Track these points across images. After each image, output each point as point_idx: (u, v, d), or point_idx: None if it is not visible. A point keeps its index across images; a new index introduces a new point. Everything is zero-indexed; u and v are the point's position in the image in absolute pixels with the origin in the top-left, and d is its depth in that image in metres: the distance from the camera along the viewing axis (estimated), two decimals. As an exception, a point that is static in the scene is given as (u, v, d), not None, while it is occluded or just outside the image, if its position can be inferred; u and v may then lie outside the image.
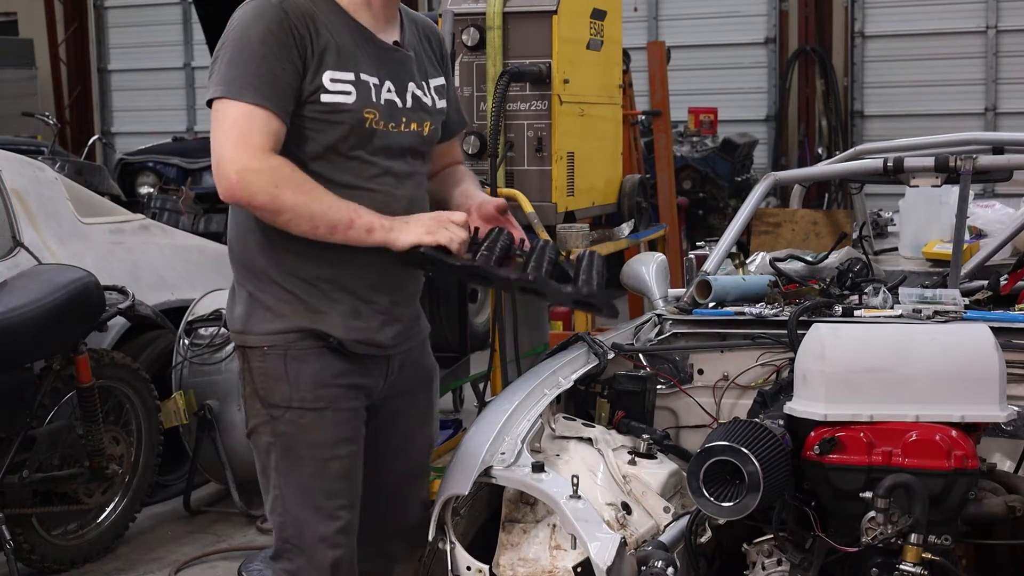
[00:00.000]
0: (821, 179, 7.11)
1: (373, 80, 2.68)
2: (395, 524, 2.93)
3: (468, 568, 2.73)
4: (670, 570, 2.61)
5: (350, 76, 2.64)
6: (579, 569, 2.63)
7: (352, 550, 2.77)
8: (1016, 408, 2.82)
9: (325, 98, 2.62)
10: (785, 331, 3.38)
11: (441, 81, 2.87)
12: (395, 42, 2.76)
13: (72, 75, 15.91)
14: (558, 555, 2.71)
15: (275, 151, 2.56)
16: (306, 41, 2.60)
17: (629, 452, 3.08)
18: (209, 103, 2.61)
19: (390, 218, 2.62)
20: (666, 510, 2.95)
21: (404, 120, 2.73)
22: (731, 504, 2.61)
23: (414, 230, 2.60)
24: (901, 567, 2.58)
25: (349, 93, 2.64)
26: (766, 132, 13.34)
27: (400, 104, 2.73)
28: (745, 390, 3.42)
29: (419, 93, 2.77)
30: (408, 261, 2.66)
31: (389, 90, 2.71)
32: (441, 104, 2.86)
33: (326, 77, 2.62)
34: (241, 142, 2.53)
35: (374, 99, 2.67)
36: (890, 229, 5.58)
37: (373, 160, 2.69)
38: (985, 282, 3.84)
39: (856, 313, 3.45)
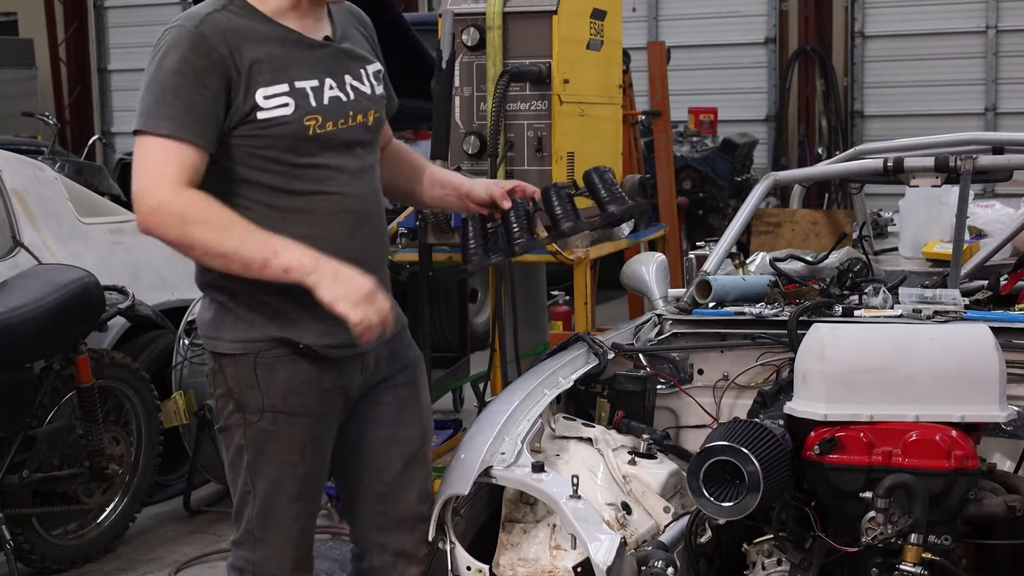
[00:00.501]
0: (821, 179, 7.11)
1: (311, 83, 2.65)
2: (394, 516, 2.90)
3: (468, 568, 2.73)
4: (670, 570, 2.61)
5: (284, 88, 2.61)
6: (579, 569, 2.63)
7: (312, 543, 2.86)
8: (1016, 408, 2.82)
9: (261, 115, 2.59)
10: (785, 331, 3.38)
11: (377, 67, 2.83)
12: (326, 37, 2.72)
13: (72, 75, 15.91)
14: (558, 555, 2.71)
15: (192, 183, 2.52)
16: (228, 62, 2.56)
17: (629, 452, 3.08)
18: (135, 133, 2.59)
19: (318, 260, 2.53)
20: (666, 510, 2.95)
21: (350, 114, 2.71)
22: (731, 504, 2.61)
23: (337, 290, 2.52)
24: (901, 567, 2.58)
25: (286, 105, 2.61)
26: (766, 132, 13.34)
27: (344, 99, 2.70)
28: (745, 390, 3.42)
29: (357, 84, 2.74)
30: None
31: (331, 87, 2.68)
32: (380, 90, 2.82)
33: (259, 95, 2.59)
34: (155, 176, 2.51)
35: (314, 104, 2.64)
36: (890, 229, 5.58)
37: (324, 163, 2.67)
38: (985, 282, 3.84)
39: (856, 313, 3.45)
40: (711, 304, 3.70)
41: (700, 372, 3.51)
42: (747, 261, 4.34)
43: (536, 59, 4.67)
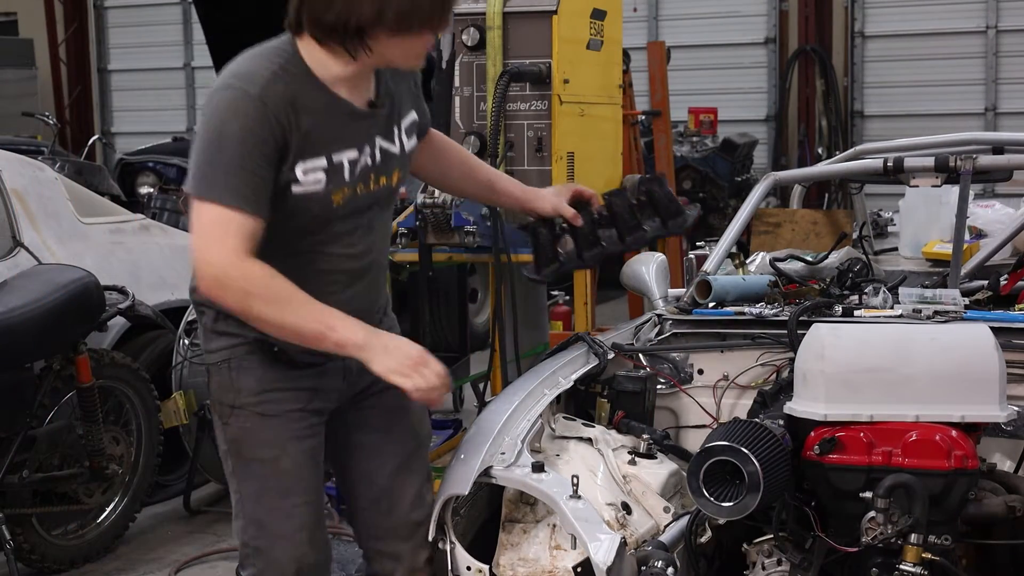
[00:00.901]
0: (821, 179, 7.11)
1: (349, 155, 2.64)
2: (388, 524, 2.91)
3: (468, 568, 2.73)
4: (670, 570, 2.61)
5: (322, 162, 2.60)
6: (579, 569, 2.63)
7: (318, 548, 2.79)
8: (1016, 408, 2.82)
9: (296, 189, 2.59)
10: (785, 331, 3.38)
11: (413, 116, 2.81)
12: (370, 102, 2.69)
13: (72, 75, 15.90)
14: (558, 555, 2.71)
15: (252, 251, 2.52)
16: (286, 133, 2.55)
17: (629, 452, 3.08)
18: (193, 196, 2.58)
19: (369, 334, 2.56)
20: (666, 510, 2.95)
21: (374, 177, 2.70)
22: (731, 504, 2.61)
23: (389, 362, 2.54)
24: (901, 567, 2.58)
25: (319, 181, 2.60)
26: (766, 132, 13.34)
27: (370, 164, 2.69)
28: (745, 390, 3.42)
29: (387, 145, 2.72)
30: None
31: (366, 154, 2.68)
32: (411, 143, 2.80)
33: (298, 168, 2.58)
34: (219, 246, 2.50)
35: (346, 177, 2.64)
36: (890, 229, 5.58)
37: (334, 228, 2.68)
38: (985, 282, 3.84)
39: (856, 313, 3.45)
40: (711, 304, 3.70)
41: (700, 372, 3.51)
42: (747, 261, 4.34)
43: (536, 59, 4.67)
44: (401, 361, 2.54)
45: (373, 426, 2.89)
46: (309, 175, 2.59)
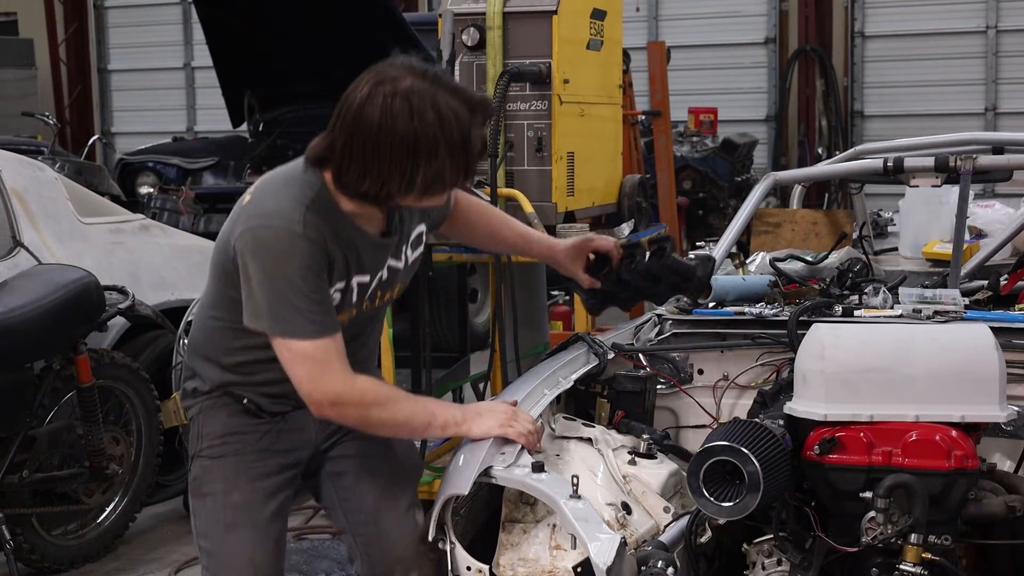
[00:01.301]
0: (821, 179, 7.12)
1: (362, 279, 2.77)
2: (380, 564, 2.95)
3: (468, 568, 2.73)
4: (670, 570, 2.61)
5: (341, 285, 2.73)
6: (579, 569, 2.63)
7: None
8: (1016, 408, 2.82)
9: None
10: (785, 331, 3.38)
11: (420, 229, 2.92)
12: (383, 232, 2.80)
13: (72, 75, 15.91)
14: (558, 555, 2.71)
15: (348, 364, 2.69)
16: (330, 260, 2.68)
17: (629, 452, 3.08)
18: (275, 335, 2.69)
19: (462, 409, 2.84)
20: (666, 510, 2.95)
21: (380, 295, 2.85)
22: (731, 504, 2.61)
23: (487, 422, 2.81)
24: (901, 567, 2.58)
25: (334, 302, 2.74)
26: (766, 132, 13.34)
27: (379, 282, 2.83)
28: (745, 390, 3.42)
29: (395, 263, 2.85)
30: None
31: (377, 278, 2.81)
32: (414, 255, 2.92)
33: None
34: (326, 376, 2.66)
35: (355, 299, 2.77)
36: (890, 229, 5.58)
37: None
38: (985, 282, 3.84)
39: (856, 313, 3.45)
40: (711, 304, 3.70)
41: (700, 372, 3.51)
42: (747, 261, 4.34)
43: (536, 59, 4.66)
44: (497, 419, 2.82)
45: (351, 469, 2.96)
46: (333, 293, 2.73)
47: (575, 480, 2.69)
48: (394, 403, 2.74)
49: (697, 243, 5.00)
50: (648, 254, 3.15)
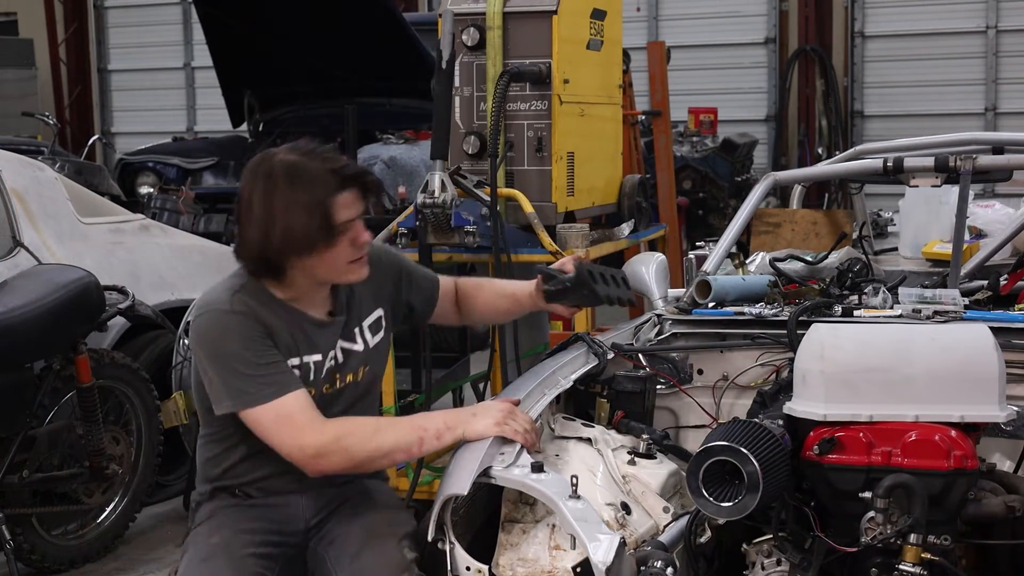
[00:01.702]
0: (821, 179, 7.12)
1: (315, 358, 2.90)
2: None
3: (467, 568, 2.73)
4: (669, 570, 2.61)
5: (296, 362, 2.87)
6: (578, 569, 2.63)
7: None
8: (1016, 408, 2.82)
9: None
10: (785, 331, 3.38)
11: (378, 314, 3.05)
12: (329, 312, 2.95)
13: (72, 75, 15.91)
14: (557, 555, 2.71)
15: (319, 413, 2.80)
16: (269, 332, 2.83)
17: (629, 452, 3.08)
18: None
19: (455, 414, 2.90)
20: (665, 510, 2.95)
21: (339, 376, 2.96)
22: (730, 504, 2.61)
23: (482, 422, 2.84)
24: (900, 567, 2.58)
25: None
26: (766, 132, 13.34)
27: (334, 364, 2.95)
28: (745, 390, 3.42)
29: (349, 345, 2.98)
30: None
31: (329, 357, 2.93)
32: (376, 339, 3.04)
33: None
34: (296, 432, 2.77)
35: (312, 377, 2.89)
36: (890, 229, 5.58)
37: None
38: (985, 282, 3.84)
39: (856, 313, 3.45)
40: (711, 304, 3.70)
41: (700, 372, 3.51)
42: (747, 261, 4.34)
43: (536, 59, 4.66)
44: (493, 417, 2.85)
45: (339, 519, 2.98)
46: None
47: (574, 480, 2.69)
48: (376, 433, 2.81)
49: (697, 243, 5.00)
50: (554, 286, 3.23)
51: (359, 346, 3.00)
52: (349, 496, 3.01)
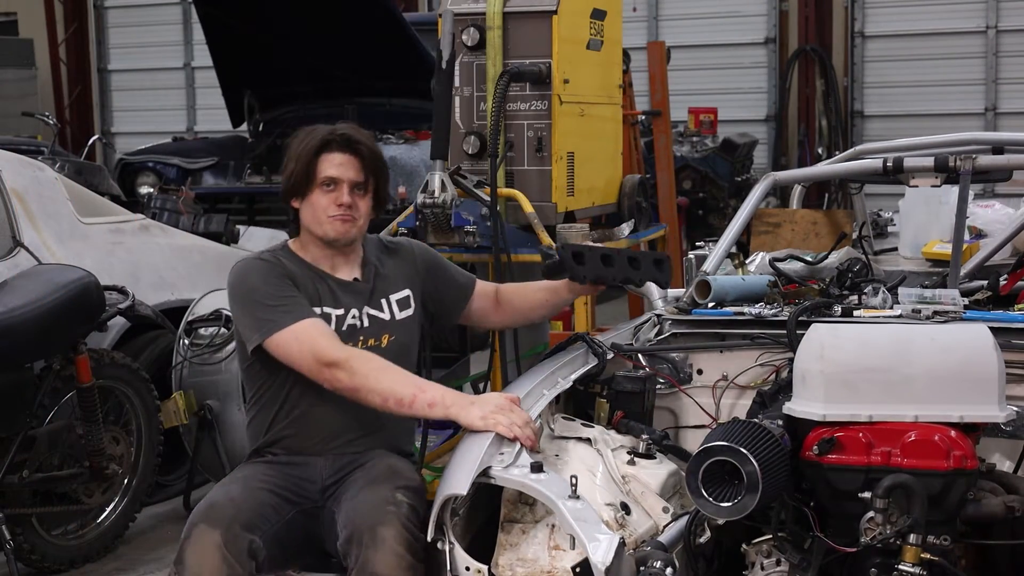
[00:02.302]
0: (821, 179, 7.12)
1: (336, 311, 3.23)
2: (356, 515, 2.97)
3: (467, 568, 2.73)
4: (669, 570, 2.61)
5: (317, 311, 3.18)
6: (578, 569, 2.63)
7: (230, 526, 2.95)
8: (1016, 408, 2.82)
9: None
10: (784, 331, 3.38)
11: (406, 292, 3.35)
12: (355, 278, 3.30)
13: (72, 75, 15.90)
14: (557, 555, 2.71)
15: (338, 339, 3.11)
16: (292, 278, 3.20)
17: (628, 452, 3.08)
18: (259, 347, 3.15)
19: (453, 395, 3.02)
20: (665, 510, 2.95)
21: (362, 339, 3.23)
22: (730, 504, 2.61)
23: (474, 412, 2.94)
24: (900, 567, 2.58)
25: None
26: (766, 132, 13.34)
27: (359, 326, 3.25)
28: (744, 390, 3.42)
29: (375, 312, 3.28)
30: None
31: (353, 316, 3.25)
32: (403, 314, 3.32)
33: None
34: (313, 345, 3.07)
35: (333, 328, 3.18)
36: (890, 229, 5.58)
37: None
38: (985, 282, 3.84)
39: (855, 313, 3.45)
40: (711, 304, 3.70)
41: (699, 372, 3.51)
42: (747, 261, 4.34)
43: (536, 59, 4.66)
44: (489, 409, 2.93)
45: (353, 479, 3.15)
46: None
47: (574, 480, 2.69)
48: (381, 370, 3.04)
49: (697, 243, 4.99)
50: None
51: (385, 315, 3.28)
52: (364, 462, 3.17)
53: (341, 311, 3.23)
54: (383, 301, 3.30)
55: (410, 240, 3.57)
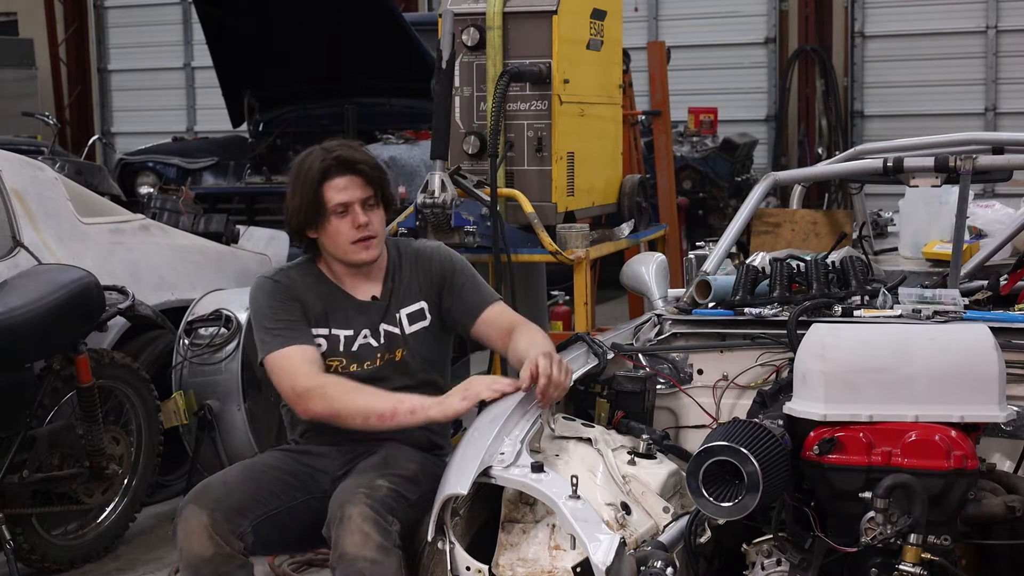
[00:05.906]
0: (821, 179, 7.12)
1: (346, 332, 3.29)
2: (335, 500, 3.04)
3: (468, 568, 2.73)
4: (669, 570, 2.61)
5: (324, 332, 3.28)
6: (578, 569, 2.63)
7: (222, 504, 3.05)
8: (1016, 408, 2.82)
9: None
10: (785, 331, 3.38)
11: (419, 305, 3.36)
12: (373, 296, 3.33)
13: (72, 75, 15.90)
14: (557, 555, 2.71)
15: (321, 369, 3.21)
16: (300, 303, 3.28)
17: (629, 452, 3.08)
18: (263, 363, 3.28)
19: (431, 399, 3.11)
20: (665, 510, 2.95)
21: (378, 356, 3.30)
22: (730, 504, 2.61)
23: (451, 401, 3.08)
24: (900, 567, 2.58)
25: (320, 345, 3.26)
26: (766, 132, 13.34)
27: (374, 344, 3.30)
28: (745, 390, 3.42)
29: (391, 328, 3.32)
30: None
31: (365, 336, 3.30)
32: (413, 328, 3.34)
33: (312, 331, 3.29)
34: (293, 375, 3.17)
35: (342, 349, 3.28)
36: (890, 229, 5.59)
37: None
38: (985, 282, 3.84)
39: (856, 313, 3.45)
40: (711, 304, 3.70)
41: (700, 372, 3.51)
42: (747, 261, 4.34)
43: (536, 59, 4.67)
44: (460, 393, 3.09)
45: (356, 468, 3.23)
46: (316, 338, 3.27)
47: (574, 480, 2.69)
48: (355, 391, 3.12)
49: (697, 243, 5.00)
50: None
51: (397, 330, 3.32)
52: (373, 451, 3.24)
53: (351, 332, 3.29)
54: (397, 316, 3.34)
55: (439, 247, 3.48)
